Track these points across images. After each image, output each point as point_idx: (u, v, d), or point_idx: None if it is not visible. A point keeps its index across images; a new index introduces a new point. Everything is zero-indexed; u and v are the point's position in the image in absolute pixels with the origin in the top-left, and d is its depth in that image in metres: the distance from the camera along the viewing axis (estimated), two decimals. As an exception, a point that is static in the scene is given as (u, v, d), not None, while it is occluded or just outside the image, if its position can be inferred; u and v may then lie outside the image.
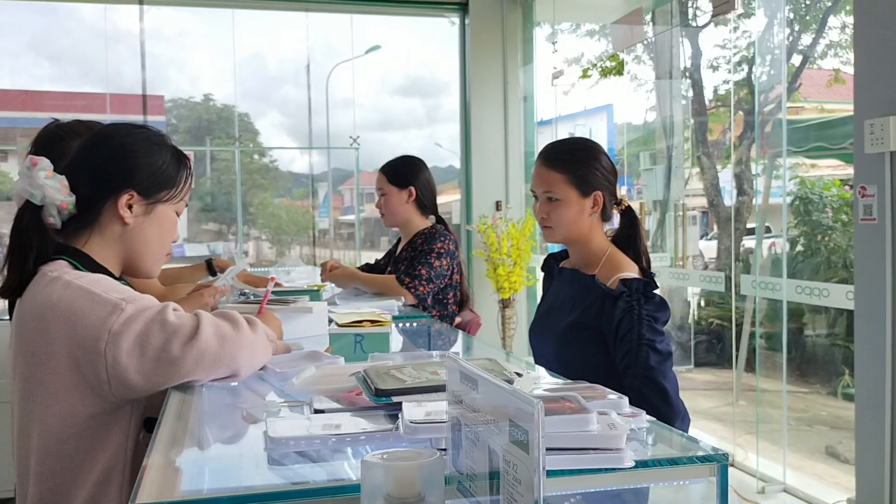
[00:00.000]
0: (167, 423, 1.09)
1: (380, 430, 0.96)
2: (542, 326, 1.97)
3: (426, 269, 2.75)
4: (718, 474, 0.84)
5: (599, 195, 1.86)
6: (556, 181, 1.85)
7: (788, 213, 5.42)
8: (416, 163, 2.97)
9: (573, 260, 1.96)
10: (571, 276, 1.91)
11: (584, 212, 1.85)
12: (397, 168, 2.94)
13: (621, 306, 1.71)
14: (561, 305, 1.90)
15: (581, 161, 1.86)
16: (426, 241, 2.84)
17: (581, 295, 1.83)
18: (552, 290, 2.01)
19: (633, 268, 1.83)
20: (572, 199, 1.84)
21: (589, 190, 1.85)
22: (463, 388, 0.77)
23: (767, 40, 4.77)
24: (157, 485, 0.84)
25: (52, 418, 1.28)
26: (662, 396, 1.67)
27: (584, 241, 1.89)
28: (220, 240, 7.60)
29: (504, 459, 0.67)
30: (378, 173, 2.98)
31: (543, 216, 1.88)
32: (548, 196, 1.86)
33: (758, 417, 4.18)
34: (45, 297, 1.28)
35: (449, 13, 5.98)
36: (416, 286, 2.72)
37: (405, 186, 2.90)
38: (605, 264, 1.84)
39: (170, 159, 1.47)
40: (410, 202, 2.91)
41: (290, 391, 1.23)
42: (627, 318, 1.70)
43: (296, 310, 1.90)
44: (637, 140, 6.54)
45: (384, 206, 2.94)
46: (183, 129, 7.62)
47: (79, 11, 7.15)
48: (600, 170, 1.86)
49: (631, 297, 1.72)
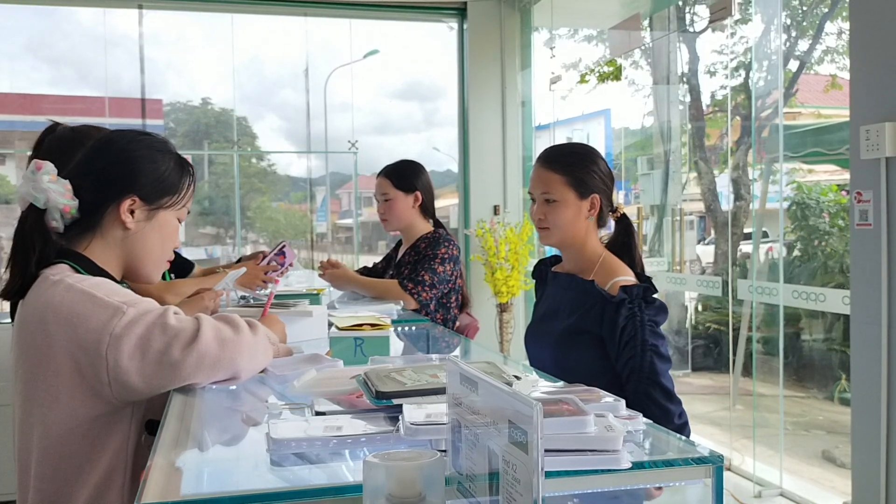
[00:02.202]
0: (170, 426, 1.10)
1: (380, 432, 0.98)
2: (538, 331, 1.99)
3: (429, 274, 2.73)
4: (714, 476, 0.85)
5: (597, 198, 1.87)
6: (555, 182, 1.86)
7: (785, 217, 5.44)
8: (419, 167, 2.95)
9: (567, 265, 1.97)
10: (567, 280, 1.92)
11: (581, 214, 1.87)
12: (402, 172, 2.89)
13: (624, 314, 1.73)
14: (557, 310, 1.91)
15: (579, 164, 1.88)
16: (430, 246, 2.82)
17: (579, 299, 1.84)
18: (546, 296, 2.02)
19: (629, 272, 1.85)
20: (570, 201, 1.86)
21: (587, 192, 1.86)
22: (463, 390, 0.78)
23: (764, 46, 4.79)
24: (160, 485, 0.85)
25: (53, 420, 1.29)
26: (668, 397, 1.71)
27: (580, 244, 1.90)
28: (217, 243, 7.61)
29: (503, 460, 0.68)
30: (380, 178, 2.92)
31: (541, 217, 1.89)
32: (546, 197, 1.88)
33: (754, 422, 4.20)
34: (46, 301, 1.29)
35: (447, 18, 6.01)
36: (418, 292, 2.70)
37: (411, 191, 2.87)
38: (601, 269, 1.86)
39: (173, 166, 1.48)
40: (416, 207, 2.89)
41: (292, 394, 1.24)
42: (631, 325, 1.72)
43: (296, 313, 1.91)
44: (634, 145, 6.57)
45: (388, 211, 2.89)
46: (181, 133, 7.64)
47: (77, 15, 7.17)
48: (598, 173, 1.88)
49: (633, 303, 1.73)
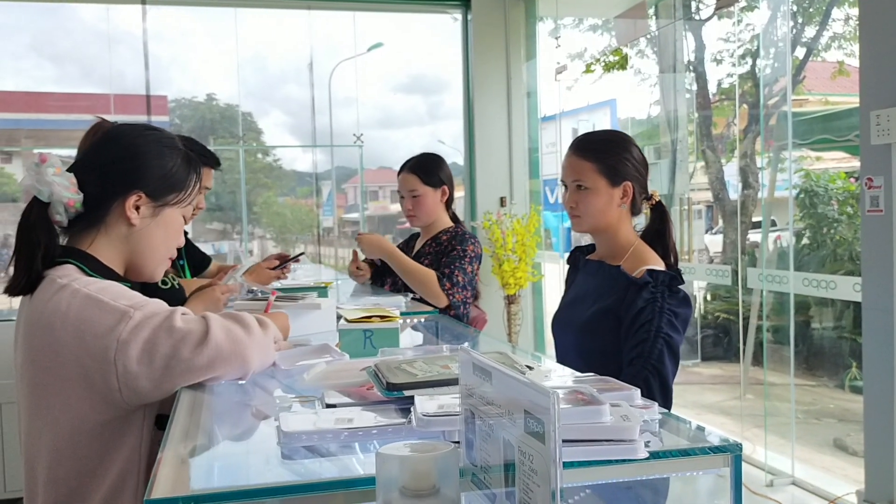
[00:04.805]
0: (179, 420, 1.09)
1: (392, 424, 0.96)
2: (564, 317, 1.97)
3: (461, 275, 2.69)
4: (732, 464, 0.83)
5: (629, 186, 1.84)
6: (586, 170, 1.84)
7: (794, 205, 5.41)
8: (441, 159, 2.89)
9: (599, 252, 1.95)
10: (596, 267, 1.90)
11: (613, 202, 1.84)
12: (428, 167, 2.83)
13: (644, 296, 1.70)
14: (584, 296, 1.89)
15: (612, 151, 1.85)
16: (455, 240, 2.77)
17: (605, 284, 1.82)
18: (577, 283, 2.00)
19: (660, 262, 1.82)
20: (601, 189, 1.83)
21: (619, 180, 1.84)
22: (476, 380, 0.77)
23: (771, 33, 4.75)
24: (171, 480, 0.84)
25: (63, 425, 1.27)
26: (664, 392, 1.67)
27: (612, 231, 1.87)
28: (224, 239, 7.61)
29: (519, 450, 0.67)
30: (405, 174, 2.84)
31: (572, 205, 1.87)
32: (577, 185, 1.85)
33: (765, 411, 4.18)
34: (53, 307, 1.27)
35: (451, 9, 5.98)
36: (454, 293, 2.66)
37: (439, 186, 2.82)
38: (631, 257, 1.83)
39: (180, 162, 1.46)
40: (443, 201, 2.85)
41: (302, 387, 1.23)
42: (649, 309, 1.69)
43: (304, 306, 1.91)
44: (641, 134, 6.52)
45: (417, 207, 2.82)
46: (186, 129, 7.63)
47: (80, 12, 7.16)
48: (631, 160, 1.85)
49: (656, 288, 1.70)
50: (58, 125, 6.75)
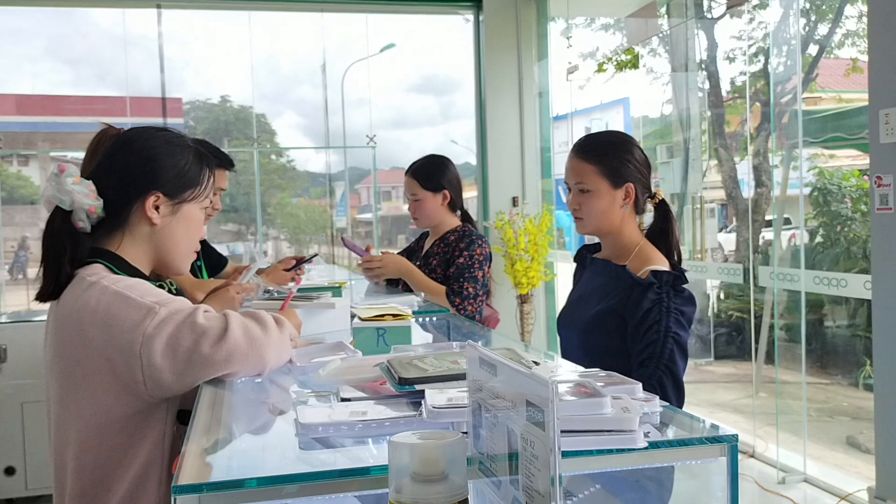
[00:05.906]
0: (201, 415, 1.14)
1: (404, 416, 1.01)
2: (569, 315, 2.00)
3: (471, 285, 2.73)
4: (728, 454, 0.87)
5: (631, 187, 1.87)
6: (588, 172, 1.87)
7: (807, 203, 5.40)
8: (445, 162, 2.93)
9: (605, 252, 1.98)
10: (602, 266, 1.93)
11: (616, 203, 1.87)
12: (428, 172, 2.88)
13: (651, 297, 1.72)
14: (589, 295, 1.92)
15: (613, 153, 1.87)
16: (461, 240, 2.82)
17: (610, 284, 1.85)
18: (583, 281, 2.03)
19: (664, 262, 1.84)
20: (603, 191, 1.86)
21: (620, 182, 1.86)
22: (483, 374, 0.81)
23: (783, 31, 4.75)
24: (195, 470, 0.89)
25: (90, 417, 1.33)
26: (678, 390, 1.70)
27: (616, 233, 1.90)
28: (239, 240, 7.69)
29: (522, 438, 0.71)
30: (408, 177, 2.91)
31: (575, 207, 1.90)
32: (580, 187, 1.88)
33: (778, 409, 4.19)
34: (83, 303, 1.33)
35: (463, 10, 6.02)
36: (464, 307, 2.70)
37: (439, 190, 2.87)
38: (636, 257, 1.86)
39: (192, 159, 1.51)
40: (444, 205, 2.89)
41: (317, 382, 1.27)
42: (656, 310, 1.71)
43: (319, 305, 1.95)
44: (654, 133, 6.53)
45: (417, 210, 2.89)
46: (201, 131, 7.72)
47: (95, 16, 7.26)
48: (633, 162, 1.87)
49: (661, 288, 1.73)
50: (74, 128, 6.84)
